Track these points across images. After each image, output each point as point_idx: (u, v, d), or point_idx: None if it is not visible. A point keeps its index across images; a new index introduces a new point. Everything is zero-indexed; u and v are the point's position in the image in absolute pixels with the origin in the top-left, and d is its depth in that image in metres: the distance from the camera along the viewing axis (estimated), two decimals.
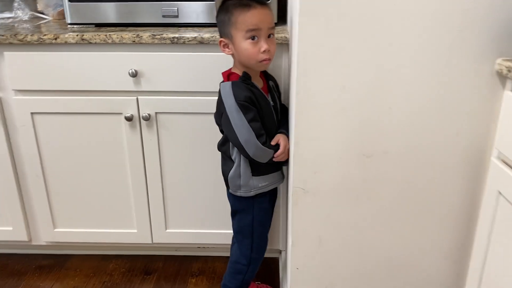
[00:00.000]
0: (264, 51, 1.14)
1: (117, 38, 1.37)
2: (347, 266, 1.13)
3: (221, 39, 1.20)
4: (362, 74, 0.95)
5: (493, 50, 0.93)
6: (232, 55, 1.22)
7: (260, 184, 1.27)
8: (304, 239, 1.10)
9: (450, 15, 0.90)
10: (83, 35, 1.38)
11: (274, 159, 1.21)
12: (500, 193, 0.94)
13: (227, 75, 1.23)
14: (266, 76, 1.32)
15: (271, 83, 1.32)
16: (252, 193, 1.26)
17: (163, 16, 1.49)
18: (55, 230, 1.66)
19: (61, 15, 1.77)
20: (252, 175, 1.25)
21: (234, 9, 1.14)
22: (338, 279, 1.14)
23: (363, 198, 1.06)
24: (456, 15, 0.90)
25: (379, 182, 1.04)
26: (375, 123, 0.99)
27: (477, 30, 0.91)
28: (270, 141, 1.21)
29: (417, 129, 0.99)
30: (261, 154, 1.19)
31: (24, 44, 1.40)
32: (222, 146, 1.29)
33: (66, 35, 1.38)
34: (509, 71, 0.88)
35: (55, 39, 1.38)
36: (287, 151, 1.21)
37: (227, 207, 1.40)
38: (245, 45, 1.14)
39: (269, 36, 1.16)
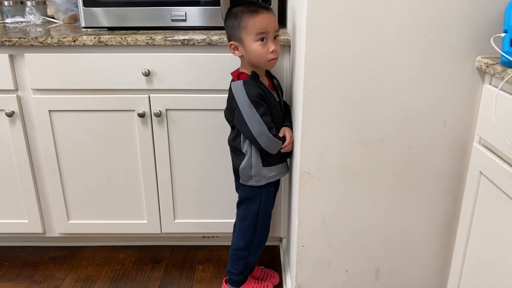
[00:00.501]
0: (273, 51, 1.26)
1: (132, 40, 1.49)
2: (348, 242, 1.26)
3: (231, 42, 1.30)
4: (361, 70, 1.08)
5: (473, 49, 1.07)
6: (241, 56, 1.33)
7: (270, 174, 1.38)
8: (309, 218, 1.22)
9: (435, 18, 1.04)
10: (100, 37, 1.48)
11: (281, 150, 1.33)
12: (481, 172, 1.08)
13: (237, 75, 1.34)
14: (269, 75, 1.44)
15: (275, 81, 1.44)
16: (262, 182, 1.38)
17: (172, 20, 1.61)
18: (69, 222, 1.76)
19: (72, 19, 1.88)
20: (263, 166, 1.36)
21: (243, 15, 1.25)
22: (340, 254, 1.27)
23: (362, 180, 1.19)
24: (440, 18, 1.04)
25: (376, 166, 1.17)
26: (372, 114, 1.12)
27: (459, 31, 1.05)
28: (278, 133, 1.33)
29: (408, 119, 1.13)
30: (272, 145, 1.31)
31: (44, 46, 1.50)
32: (233, 141, 1.40)
33: (84, 38, 1.49)
34: (487, 67, 1.02)
35: (74, 41, 1.49)
36: (292, 142, 1.33)
37: (232, 198, 1.52)
38: (255, 46, 1.26)
39: (275, 38, 1.29)
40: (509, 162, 0.97)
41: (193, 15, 1.61)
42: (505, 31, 0.96)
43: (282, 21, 1.75)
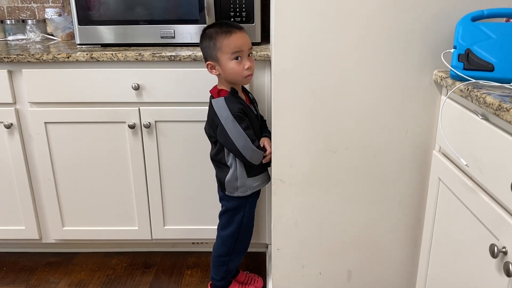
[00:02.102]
0: (248, 68, 1.33)
1: (122, 56, 1.58)
2: (320, 246, 1.33)
3: (208, 62, 1.37)
4: (327, 84, 1.16)
5: (430, 63, 1.15)
6: (218, 75, 1.39)
7: (254, 184, 1.44)
8: (282, 222, 1.30)
9: (396, 34, 1.13)
10: (92, 54, 1.59)
11: (263, 161, 1.39)
12: (440, 179, 1.15)
13: (217, 92, 1.40)
14: (245, 90, 1.51)
15: (250, 95, 1.52)
16: (248, 193, 1.44)
17: (161, 37, 1.71)
18: (64, 228, 1.84)
19: (69, 36, 1.99)
20: (248, 177, 1.42)
21: (217, 36, 1.32)
22: (313, 257, 1.34)
23: (330, 187, 1.26)
24: (399, 34, 1.12)
25: (343, 173, 1.25)
26: (338, 124, 1.20)
27: (417, 46, 1.13)
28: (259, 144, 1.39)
29: (372, 129, 1.21)
30: (256, 157, 1.37)
31: (40, 62, 1.61)
32: (217, 155, 1.45)
33: (77, 54, 1.59)
34: (441, 80, 1.10)
35: (68, 57, 1.59)
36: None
37: (219, 205, 1.59)
38: (231, 65, 1.33)
39: (249, 55, 1.35)
40: (462, 169, 1.04)
41: (181, 32, 1.71)
42: (455, 47, 1.04)
43: (267, 37, 1.85)
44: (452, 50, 1.04)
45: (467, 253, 1.01)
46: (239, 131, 1.34)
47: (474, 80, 0.98)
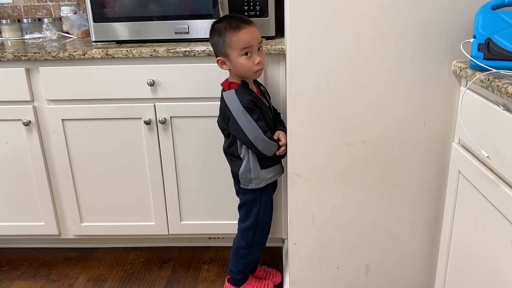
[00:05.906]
0: (258, 63, 1.32)
1: (137, 52, 1.59)
2: (337, 240, 1.32)
3: (218, 58, 1.37)
4: (342, 76, 1.15)
5: (449, 54, 1.12)
6: (229, 69, 1.39)
7: (268, 175, 1.44)
8: (299, 217, 1.29)
9: (412, 25, 1.10)
10: (107, 50, 1.59)
11: (277, 153, 1.38)
12: (459, 172, 1.13)
13: (228, 85, 1.40)
14: (256, 82, 1.50)
15: (262, 87, 1.51)
16: (262, 184, 1.44)
17: (176, 33, 1.71)
18: (82, 224, 1.86)
19: (85, 34, 2.01)
20: (261, 168, 1.42)
21: (226, 32, 1.31)
22: (330, 252, 1.33)
23: (348, 180, 1.25)
24: (416, 25, 1.10)
25: (361, 167, 1.23)
26: (354, 117, 1.19)
27: (435, 37, 1.11)
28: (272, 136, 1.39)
29: (389, 121, 1.19)
30: (269, 148, 1.36)
31: (57, 60, 1.62)
32: (229, 148, 1.46)
33: (93, 51, 1.60)
34: (460, 70, 1.08)
35: (83, 55, 1.60)
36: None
37: (236, 199, 1.59)
38: (241, 60, 1.32)
39: (258, 49, 1.34)
40: (483, 161, 1.02)
41: (195, 27, 1.71)
42: (474, 37, 1.02)
43: (281, 31, 1.84)
44: (472, 39, 1.02)
45: (488, 247, 0.99)
46: (251, 123, 1.33)
47: (495, 70, 0.96)
